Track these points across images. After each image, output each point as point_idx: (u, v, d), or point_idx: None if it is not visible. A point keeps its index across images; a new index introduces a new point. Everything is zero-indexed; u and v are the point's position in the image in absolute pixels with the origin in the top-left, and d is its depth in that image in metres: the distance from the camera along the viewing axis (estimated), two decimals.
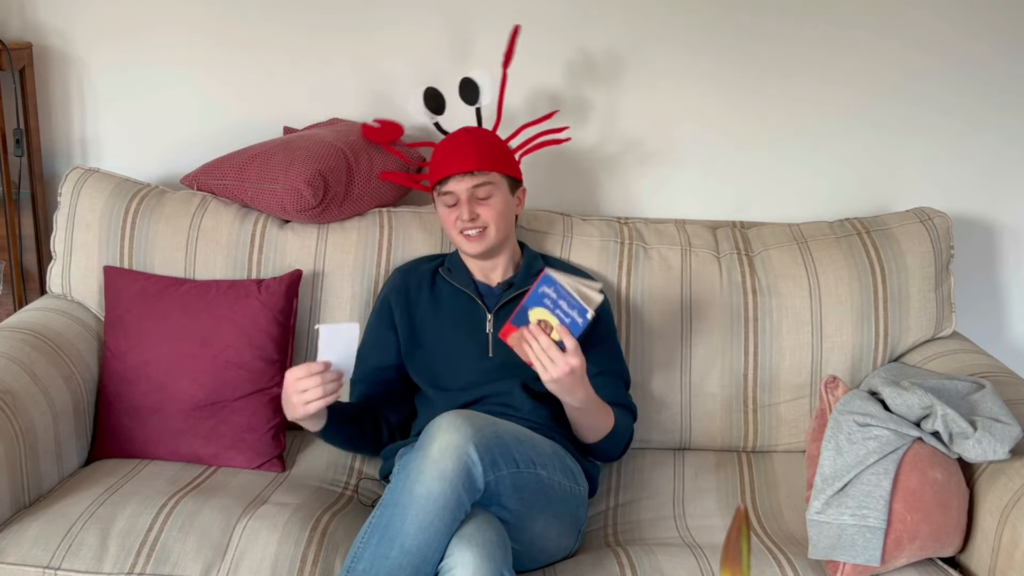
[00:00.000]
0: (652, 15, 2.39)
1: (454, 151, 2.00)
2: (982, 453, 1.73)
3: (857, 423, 1.74)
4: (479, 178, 1.98)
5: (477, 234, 1.99)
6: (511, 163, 2.06)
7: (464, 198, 1.98)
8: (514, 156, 2.09)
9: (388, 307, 2.07)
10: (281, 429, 2.06)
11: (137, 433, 2.02)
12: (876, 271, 2.19)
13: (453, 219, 2.00)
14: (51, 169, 2.51)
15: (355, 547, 1.61)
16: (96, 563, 1.69)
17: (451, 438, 1.61)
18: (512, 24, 2.16)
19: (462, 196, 1.98)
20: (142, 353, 2.04)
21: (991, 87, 2.42)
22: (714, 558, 1.76)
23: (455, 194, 1.99)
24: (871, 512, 1.68)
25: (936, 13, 2.38)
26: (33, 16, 2.43)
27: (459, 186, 1.98)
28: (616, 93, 2.43)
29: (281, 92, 2.46)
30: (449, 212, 2.01)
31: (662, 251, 2.23)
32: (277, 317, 2.06)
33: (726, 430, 2.19)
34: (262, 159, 2.19)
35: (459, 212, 1.99)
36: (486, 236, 2.00)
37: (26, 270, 2.46)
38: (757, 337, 2.17)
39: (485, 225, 1.99)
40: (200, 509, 1.77)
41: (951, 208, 2.43)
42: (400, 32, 2.41)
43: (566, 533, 1.80)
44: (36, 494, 1.86)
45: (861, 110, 2.44)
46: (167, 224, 2.18)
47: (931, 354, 2.18)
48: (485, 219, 1.99)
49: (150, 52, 2.45)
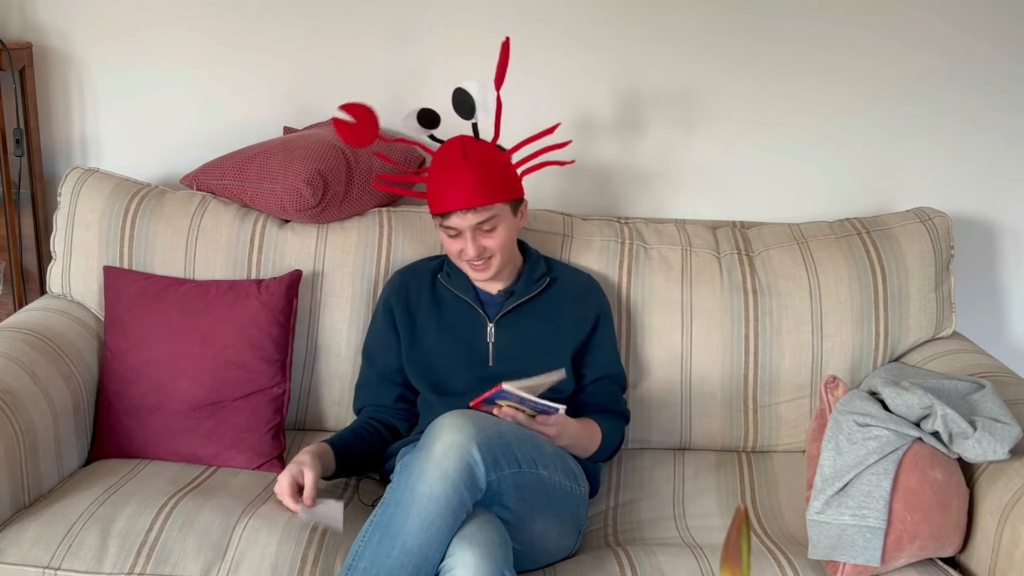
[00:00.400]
0: (651, 16, 2.39)
1: (454, 183, 1.90)
2: (982, 453, 1.73)
3: (857, 423, 1.74)
4: (482, 214, 1.91)
5: (483, 264, 1.97)
6: (513, 185, 1.97)
7: (469, 235, 1.93)
8: (515, 172, 2.00)
9: (389, 309, 2.06)
10: (281, 429, 2.06)
11: (137, 433, 2.02)
12: (876, 271, 2.19)
13: (457, 251, 1.97)
14: (51, 169, 2.51)
15: (356, 545, 1.62)
16: (96, 563, 1.69)
17: (454, 437, 1.61)
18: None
19: (466, 232, 1.93)
20: (142, 353, 2.04)
21: (991, 87, 2.42)
22: (714, 558, 1.76)
23: (458, 228, 1.94)
24: (871, 512, 1.68)
25: (936, 13, 2.38)
26: (33, 16, 2.43)
27: (462, 223, 1.92)
28: (616, 94, 2.43)
29: (281, 92, 2.46)
30: (452, 242, 1.97)
31: (662, 251, 2.23)
32: (277, 317, 2.06)
33: (726, 430, 2.19)
34: (262, 159, 2.19)
35: (463, 246, 1.94)
36: (491, 265, 1.97)
37: (26, 270, 2.46)
38: (757, 337, 2.17)
39: (491, 255, 1.97)
40: (200, 509, 1.77)
41: (951, 208, 2.43)
42: (400, 32, 2.41)
43: (567, 533, 1.80)
44: (36, 494, 1.86)
45: (861, 110, 2.44)
46: (167, 224, 2.18)
47: (931, 354, 2.18)
48: (491, 249, 1.96)
49: (150, 52, 2.45)
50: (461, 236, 1.94)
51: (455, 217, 1.91)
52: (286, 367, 2.08)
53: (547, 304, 2.04)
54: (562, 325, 2.02)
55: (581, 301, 2.06)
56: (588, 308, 2.06)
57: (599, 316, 2.06)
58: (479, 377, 1.97)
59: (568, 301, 2.05)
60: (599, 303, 2.08)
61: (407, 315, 2.04)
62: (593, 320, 2.05)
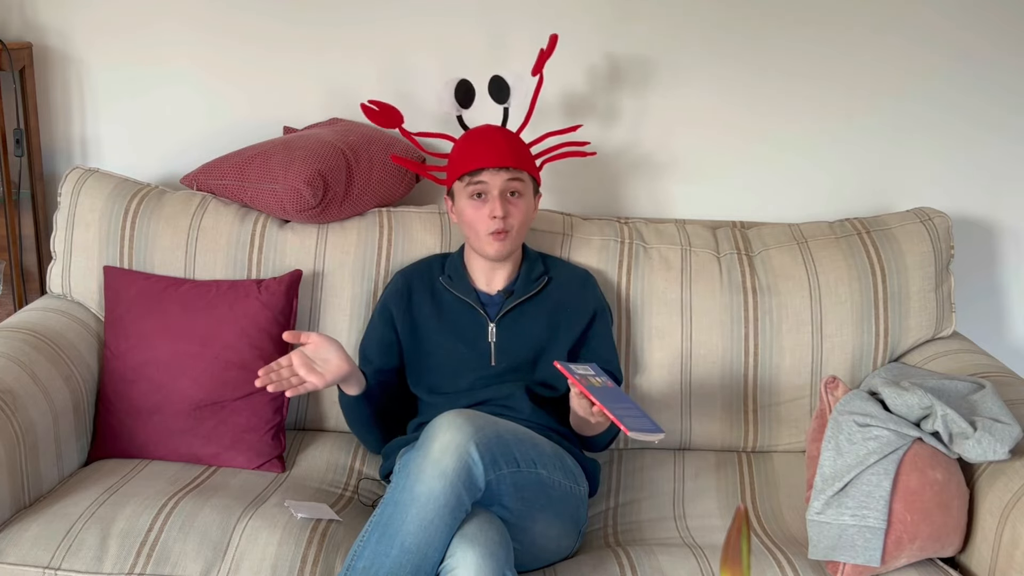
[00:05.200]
0: (651, 18, 2.39)
1: (488, 144, 1.96)
2: (982, 453, 1.73)
3: (857, 423, 1.74)
4: (513, 174, 1.95)
5: (504, 233, 1.96)
6: (536, 168, 2.06)
7: (497, 193, 1.94)
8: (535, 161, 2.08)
9: (389, 311, 2.06)
10: (281, 429, 2.06)
11: (137, 433, 2.02)
12: (876, 271, 2.19)
13: (484, 215, 1.95)
14: (51, 169, 2.51)
15: (356, 545, 1.62)
16: (96, 563, 1.69)
17: (452, 437, 1.61)
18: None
19: (495, 191, 1.94)
20: (142, 353, 2.04)
21: (992, 86, 2.42)
22: (714, 558, 1.76)
23: (487, 186, 1.94)
24: (871, 512, 1.68)
25: (938, 12, 2.38)
26: (33, 16, 2.43)
27: (494, 179, 1.94)
28: (616, 94, 2.43)
29: (281, 92, 2.46)
30: (478, 207, 1.96)
31: (662, 251, 2.23)
32: (277, 317, 2.06)
33: (726, 430, 2.19)
34: (262, 159, 2.19)
35: (491, 207, 1.94)
36: (509, 238, 1.97)
37: (26, 270, 2.46)
38: (757, 337, 2.17)
39: (512, 228, 1.97)
40: (200, 509, 1.77)
41: (951, 208, 2.43)
42: (400, 31, 2.41)
43: (566, 533, 1.80)
44: (36, 494, 1.86)
45: (861, 110, 2.44)
46: (167, 224, 2.18)
47: (931, 354, 2.18)
48: (512, 221, 1.96)
49: (150, 52, 2.45)
50: (486, 199, 1.95)
51: (487, 173, 1.94)
52: None
53: (545, 301, 2.04)
54: (560, 321, 2.03)
55: (578, 296, 2.07)
56: (585, 303, 2.06)
57: (596, 310, 2.06)
58: (481, 376, 1.98)
59: (565, 297, 2.06)
60: (595, 297, 2.08)
61: (408, 317, 2.04)
62: (590, 314, 2.05)
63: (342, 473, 2.04)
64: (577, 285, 2.09)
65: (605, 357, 2.05)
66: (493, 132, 2.01)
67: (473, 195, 1.97)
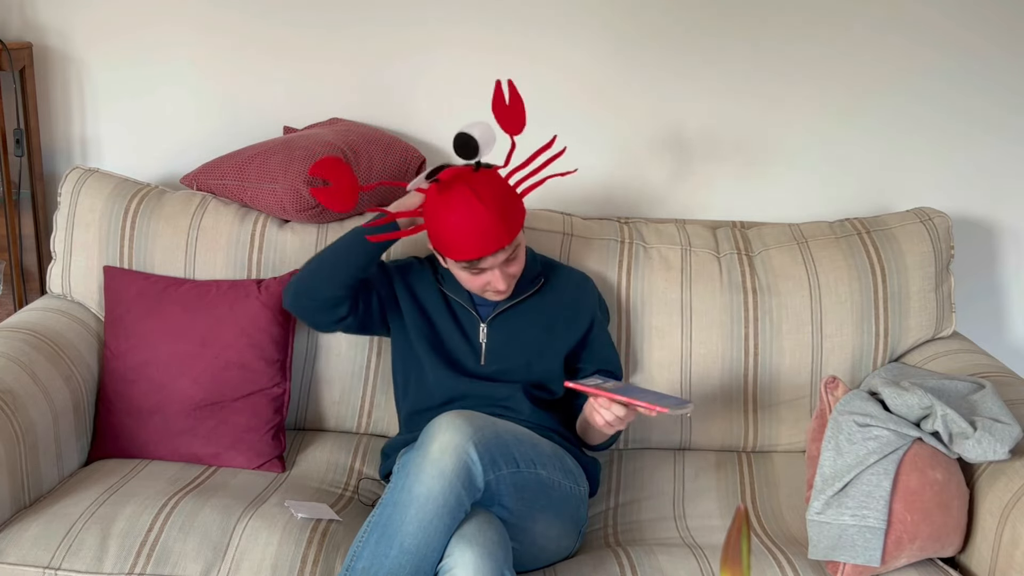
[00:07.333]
0: (650, 16, 2.39)
1: (477, 230, 1.81)
2: (982, 453, 1.73)
3: (857, 423, 1.74)
4: (509, 249, 1.87)
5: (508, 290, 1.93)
6: (522, 208, 1.91)
7: (499, 271, 1.89)
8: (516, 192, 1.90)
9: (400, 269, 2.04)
10: (281, 429, 2.06)
11: (137, 433, 2.02)
12: (876, 271, 2.19)
13: (482, 285, 1.91)
14: (51, 169, 2.51)
15: (354, 546, 1.62)
16: (96, 563, 1.69)
17: (450, 437, 1.61)
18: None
19: (496, 269, 1.89)
20: (142, 353, 2.04)
21: (991, 87, 2.42)
22: (714, 558, 1.76)
23: (487, 264, 1.87)
24: (871, 512, 1.68)
25: (938, 11, 2.38)
26: (33, 16, 2.43)
27: (494, 262, 1.87)
28: (616, 94, 2.43)
29: (281, 92, 2.46)
30: (476, 278, 1.91)
31: (662, 251, 2.23)
32: (277, 317, 2.06)
33: (726, 430, 2.19)
34: (262, 159, 2.19)
35: (490, 279, 1.90)
36: (512, 285, 1.94)
37: (26, 270, 2.46)
38: (757, 337, 2.17)
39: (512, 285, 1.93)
40: (200, 509, 1.77)
41: (952, 208, 2.43)
42: (400, 31, 2.41)
43: (566, 533, 1.80)
44: (36, 494, 1.86)
45: (861, 110, 2.44)
46: (167, 224, 2.18)
47: (931, 354, 2.18)
48: (516, 273, 1.93)
49: (150, 52, 2.45)
50: (486, 272, 1.90)
51: (487, 260, 1.86)
52: (286, 367, 2.08)
53: (541, 304, 2.03)
54: (555, 325, 2.02)
55: (575, 300, 2.05)
56: (582, 307, 2.05)
57: (594, 314, 2.05)
58: (470, 376, 1.97)
59: (562, 300, 2.04)
60: (593, 301, 2.07)
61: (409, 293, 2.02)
62: (588, 318, 2.04)
63: (342, 473, 2.04)
64: (574, 288, 2.07)
65: (607, 358, 2.04)
66: (478, 212, 1.80)
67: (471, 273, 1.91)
